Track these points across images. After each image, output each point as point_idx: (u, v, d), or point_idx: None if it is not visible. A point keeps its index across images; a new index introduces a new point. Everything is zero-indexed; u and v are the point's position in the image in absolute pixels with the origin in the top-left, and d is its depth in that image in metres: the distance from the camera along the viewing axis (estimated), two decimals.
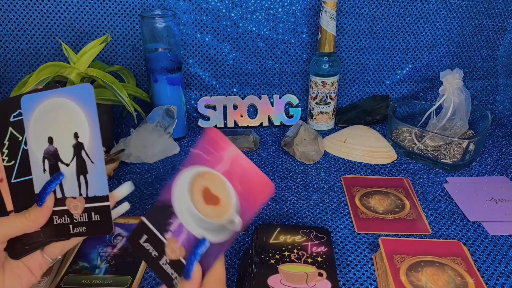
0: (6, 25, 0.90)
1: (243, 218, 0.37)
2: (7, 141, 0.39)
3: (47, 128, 0.38)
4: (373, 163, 0.85)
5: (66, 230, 0.40)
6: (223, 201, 0.38)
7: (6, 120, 0.39)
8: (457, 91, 0.84)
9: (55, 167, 0.39)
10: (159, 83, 0.87)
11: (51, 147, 0.39)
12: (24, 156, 0.39)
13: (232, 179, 0.38)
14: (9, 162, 0.39)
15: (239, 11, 0.94)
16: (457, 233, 0.66)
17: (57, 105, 0.38)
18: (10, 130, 0.39)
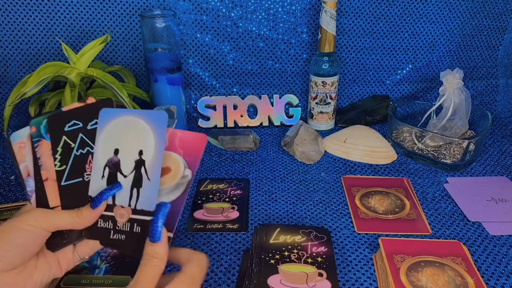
0: (6, 25, 0.90)
1: (192, 169, 0.44)
2: (60, 148, 0.44)
3: (116, 140, 0.43)
4: (373, 163, 0.85)
5: (107, 234, 0.44)
6: (173, 167, 0.43)
7: (61, 130, 0.44)
8: (457, 91, 0.84)
9: (114, 176, 0.43)
10: (159, 83, 0.87)
11: (115, 157, 0.43)
12: (75, 161, 0.44)
13: (174, 148, 0.44)
14: (61, 167, 0.44)
15: (239, 11, 0.94)
16: (457, 233, 0.66)
17: (132, 123, 0.43)
18: (64, 138, 0.44)
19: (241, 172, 0.82)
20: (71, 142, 0.44)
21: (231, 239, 0.64)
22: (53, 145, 0.44)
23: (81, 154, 0.45)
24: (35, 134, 0.44)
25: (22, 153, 0.44)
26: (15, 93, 0.77)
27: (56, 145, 0.44)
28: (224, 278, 0.57)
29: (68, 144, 0.44)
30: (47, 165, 0.44)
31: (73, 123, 0.44)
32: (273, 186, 0.77)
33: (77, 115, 0.45)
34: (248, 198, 0.74)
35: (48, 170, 0.44)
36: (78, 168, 0.44)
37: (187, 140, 0.45)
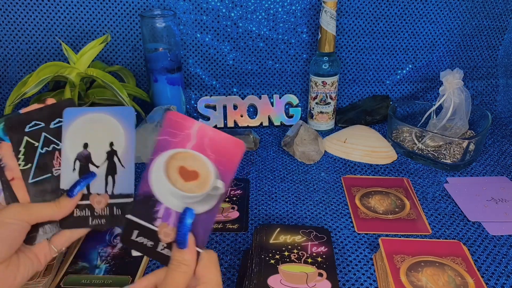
0: (6, 25, 0.90)
1: (225, 180, 0.40)
2: (22, 148, 0.45)
3: (84, 135, 0.45)
4: (373, 163, 0.85)
5: (85, 222, 0.45)
6: (202, 173, 0.40)
7: (21, 131, 0.45)
8: (457, 91, 0.84)
9: (85, 167, 0.45)
10: (159, 83, 0.87)
11: (85, 151, 0.45)
12: (40, 159, 0.46)
13: (204, 150, 0.40)
14: (25, 165, 0.46)
15: (239, 11, 0.94)
16: (457, 233, 0.66)
17: (98, 119, 0.45)
18: (26, 139, 0.46)
19: (241, 172, 0.82)
20: (33, 141, 0.46)
21: (231, 239, 0.64)
22: (15, 146, 0.45)
23: (46, 152, 0.46)
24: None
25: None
26: (15, 93, 0.77)
27: (18, 145, 0.45)
28: (224, 278, 0.57)
29: (30, 143, 0.46)
30: (11, 165, 0.45)
31: (34, 124, 0.46)
32: (273, 186, 0.77)
33: (37, 116, 0.46)
34: (248, 198, 0.74)
35: (13, 170, 0.45)
36: (45, 165, 0.46)
37: (221, 143, 0.40)
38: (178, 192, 0.40)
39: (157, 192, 0.41)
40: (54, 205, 0.43)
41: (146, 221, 0.41)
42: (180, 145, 0.41)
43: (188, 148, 0.41)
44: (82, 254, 0.60)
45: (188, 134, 0.41)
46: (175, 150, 0.41)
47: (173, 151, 0.41)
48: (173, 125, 0.41)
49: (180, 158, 0.40)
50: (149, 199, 0.41)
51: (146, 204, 0.42)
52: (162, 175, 0.41)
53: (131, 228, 0.42)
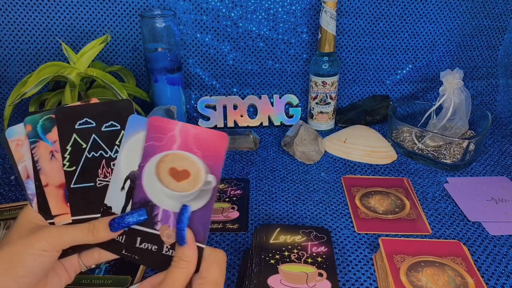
0: (6, 25, 0.90)
1: (215, 173, 0.40)
2: (69, 147, 0.41)
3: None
4: (373, 163, 0.85)
5: (119, 248, 0.41)
6: (192, 170, 0.40)
7: (72, 126, 0.40)
8: (457, 91, 0.84)
9: (133, 189, 0.41)
10: (159, 83, 0.87)
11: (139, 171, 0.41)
12: (86, 164, 0.41)
13: (189, 148, 0.40)
14: (70, 167, 0.41)
15: (239, 11, 0.94)
16: (457, 233, 0.66)
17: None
18: (74, 136, 0.41)
19: (241, 172, 0.82)
20: (82, 142, 0.41)
21: (231, 239, 0.64)
22: (62, 143, 0.40)
23: (93, 157, 0.41)
24: (31, 134, 0.41)
25: (20, 151, 0.41)
26: (15, 93, 0.77)
27: (65, 143, 0.40)
28: None
29: (78, 143, 0.41)
30: (46, 169, 0.41)
31: (85, 121, 0.41)
32: (273, 186, 0.77)
33: (90, 112, 0.41)
34: (248, 198, 0.74)
35: (47, 175, 0.41)
36: (90, 172, 0.41)
37: (205, 138, 0.41)
38: (173, 193, 0.40)
39: (152, 196, 0.41)
40: (91, 233, 0.40)
41: (147, 227, 0.41)
42: (166, 148, 0.41)
43: (175, 149, 0.41)
44: None
45: (172, 135, 0.41)
46: (162, 153, 0.41)
47: (161, 155, 0.41)
48: (156, 129, 0.41)
49: (168, 160, 0.41)
50: (146, 205, 0.41)
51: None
52: (154, 179, 0.41)
53: (133, 236, 0.41)
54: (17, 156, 0.40)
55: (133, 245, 0.41)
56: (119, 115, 0.41)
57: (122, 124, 0.41)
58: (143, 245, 0.41)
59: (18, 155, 0.40)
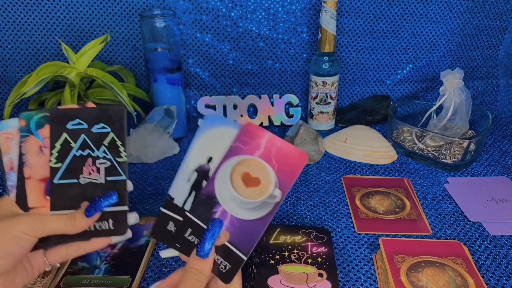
0: (6, 25, 0.90)
1: (283, 189, 0.42)
2: (59, 144, 0.43)
3: (212, 149, 0.44)
4: (373, 163, 0.85)
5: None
6: (263, 181, 0.42)
7: (63, 126, 0.43)
8: (458, 91, 0.83)
9: (199, 182, 0.44)
10: (159, 83, 0.87)
11: (207, 165, 0.44)
12: (73, 161, 0.43)
13: (269, 159, 0.43)
14: (56, 163, 0.43)
15: (239, 10, 0.93)
16: (457, 233, 0.66)
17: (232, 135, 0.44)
18: (65, 136, 0.43)
19: None
20: (71, 141, 0.43)
21: None
22: (52, 140, 0.43)
23: (80, 156, 0.44)
24: (23, 128, 0.43)
25: (8, 144, 0.43)
26: (14, 93, 0.77)
27: (55, 140, 0.43)
28: None
29: (67, 142, 0.43)
30: (32, 163, 0.43)
31: (77, 122, 0.43)
32: None
33: (84, 115, 0.44)
34: None
35: (32, 168, 0.43)
36: (75, 169, 0.44)
37: (286, 154, 0.43)
38: (237, 196, 0.42)
39: (218, 194, 0.43)
40: (69, 222, 0.41)
41: (201, 221, 0.43)
42: (249, 152, 0.43)
43: (256, 156, 0.43)
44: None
45: (258, 143, 0.44)
46: (243, 156, 0.43)
47: (241, 157, 0.43)
48: (247, 134, 0.44)
49: (246, 164, 0.43)
50: (210, 200, 0.43)
51: (207, 204, 0.43)
52: (227, 178, 0.43)
53: (187, 225, 0.43)
54: (4, 148, 0.43)
55: (183, 234, 0.43)
56: (110, 119, 0.43)
57: (113, 127, 0.44)
58: (191, 238, 0.43)
59: (6, 147, 0.43)
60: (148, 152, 0.84)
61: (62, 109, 0.44)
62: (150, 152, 0.84)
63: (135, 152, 0.83)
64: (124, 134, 0.44)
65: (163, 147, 0.85)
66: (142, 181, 0.78)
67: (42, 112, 0.43)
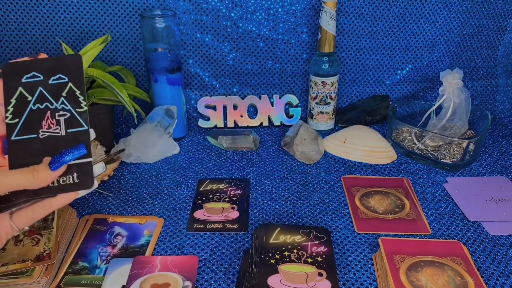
0: (6, 25, 0.90)
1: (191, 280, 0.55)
2: (14, 99, 0.41)
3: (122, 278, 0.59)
4: (373, 163, 0.85)
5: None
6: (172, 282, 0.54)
7: (18, 80, 0.41)
8: (457, 91, 0.84)
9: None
10: (159, 83, 0.87)
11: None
12: (30, 116, 0.41)
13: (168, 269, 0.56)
14: (12, 119, 0.41)
15: (239, 11, 0.94)
16: (457, 233, 0.66)
17: None
18: (20, 90, 0.41)
19: (241, 172, 0.82)
20: (27, 94, 0.41)
21: (231, 239, 0.65)
22: (6, 96, 0.41)
23: (38, 109, 0.41)
24: None
25: None
26: None
27: (10, 95, 0.41)
28: (224, 278, 0.57)
29: (23, 96, 0.41)
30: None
31: (32, 75, 0.41)
32: (273, 186, 0.77)
33: (38, 67, 0.41)
34: (248, 198, 0.74)
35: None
36: (33, 123, 0.41)
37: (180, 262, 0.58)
38: None
39: None
40: (31, 175, 0.39)
41: None
42: (149, 273, 0.56)
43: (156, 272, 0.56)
44: (82, 254, 0.60)
45: (154, 264, 0.57)
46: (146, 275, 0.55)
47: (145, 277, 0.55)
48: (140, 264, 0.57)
49: (150, 279, 0.55)
50: None
51: None
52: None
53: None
54: None
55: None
56: (67, 68, 0.42)
57: (70, 77, 0.42)
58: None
59: None
60: (148, 152, 0.84)
61: (15, 62, 0.41)
62: (150, 152, 0.84)
63: (135, 152, 0.83)
64: (82, 82, 0.42)
65: (163, 147, 0.85)
66: (142, 181, 0.79)
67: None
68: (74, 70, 0.42)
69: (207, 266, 0.59)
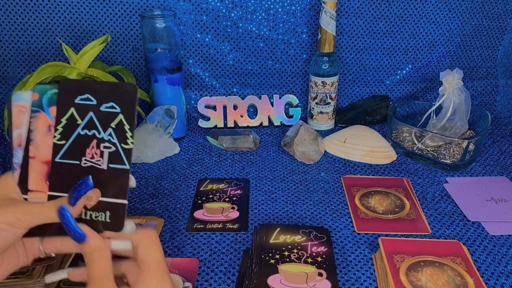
0: (6, 25, 0.90)
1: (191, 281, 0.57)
2: (65, 119, 0.39)
3: None
4: (373, 163, 0.85)
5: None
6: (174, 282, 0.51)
7: (72, 99, 0.39)
8: (457, 91, 0.84)
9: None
10: (159, 83, 0.87)
11: None
12: (76, 140, 0.39)
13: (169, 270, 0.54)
14: (60, 140, 0.39)
15: (239, 11, 0.94)
16: (457, 233, 0.66)
17: None
18: (72, 110, 0.39)
19: (241, 172, 0.82)
20: (78, 117, 0.39)
21: (231, 239, 0.65)
22: (59, 114, 0.39)
23: (85, 135, 0.39)
24: (35, 102, 0.39)
25: (20, 118, 0.39)
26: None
27: (61, 115, 0.39)
28: (224, 278, 0.57)
29: (74, 118, 0.39)
30: (38, 141, 0.39)
31: (86, 97, 0.39)
32: (273, 186, 0.78)
33: (93, 90, 0.39)
34: (248, 198, 0.74)
35: (37, 148, 0.39)
36: (78, 149, 0.39)
37: (180, 263, 0.59)
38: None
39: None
40: (57, 210, 0.38)
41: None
42: None
43: None
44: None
45: None
46: None
47: None
48: None
49: None
50: None
51: None
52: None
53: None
54: (16, 122, 0.39)
55: None
56: (121, 98, 0.39)
57: (123, 108, 0.39)
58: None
59: (17, 122, 0.39)
60: (148, 152, 0.84)
61: (72, 80, 0.40)
62: (150, 152, 0.84)
63: (135, 152, 0.83)
64: (133, 117, 0.40)
65: (163, 147, 0.85)
66: (142, 181, 0.79)
67: (56, 88, 0.39)
68: (128, 101, 0.39)
69: (207, 266, 0.59)
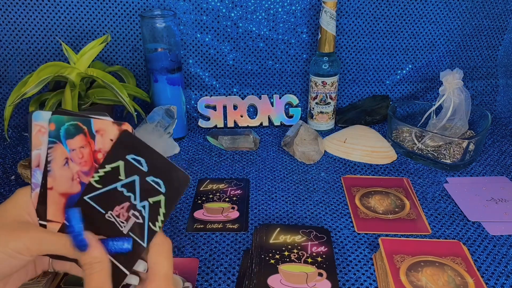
0: (6, 25, 0.90)
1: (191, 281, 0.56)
2: (110, 167, 0.38)
3: None
4: (373, 163, 0.85)
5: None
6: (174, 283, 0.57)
7: (125, 153, 0.38)
8: (457, 91, 0.84)
9: None
10: (159, 83, 0.87)
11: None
12: (111, 193, 0.39)
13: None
14: (97, 183, 0.39)
15: (239, 11, 0.94)
16: (457, 233, 0.66)
17: None
18: (120, 163, 0.38)
19: (241, 172, 0.82)
20: (123, 173, 0.38)
21: (231, 239, 0.65)
22: (107, 158, 0.38)
23: (121, 193, 0.38)
24: (52, 133, 0.39)
25: (39, 139, 0.39)
26: (15, 93, 0.77)
27: (109, 161, 0.38)
28: (224, 278, 0.57)
29: (118, 172, 0.38)
30: (55, 173, 0.39)
31: (139, 160, 0.38)
32: (273, 186, 0.78)
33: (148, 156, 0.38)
34: (248, 198, 0.74)
35: (55, 180, 0.39)
36: (109, 201, 0.39)
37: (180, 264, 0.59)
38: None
39: None
40: (70, 245, 0.37)
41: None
42: None
43: None
44: None
45: None
46: None
47: None
48: None
49: None
50: None
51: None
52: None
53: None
54: (36, 142, 0.39)
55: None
56: (171, 181, 0.38)
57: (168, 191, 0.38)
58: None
59: (37, 142, 0.39)
60: None
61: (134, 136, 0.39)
62: None
63: None
64: (173, 206, 0.38)
65: (163, 147, 0.85)
66: None
67: (74, 120, 0.38)
68: (175, 188, 0.38)
69: (207, 266, 0.59)
